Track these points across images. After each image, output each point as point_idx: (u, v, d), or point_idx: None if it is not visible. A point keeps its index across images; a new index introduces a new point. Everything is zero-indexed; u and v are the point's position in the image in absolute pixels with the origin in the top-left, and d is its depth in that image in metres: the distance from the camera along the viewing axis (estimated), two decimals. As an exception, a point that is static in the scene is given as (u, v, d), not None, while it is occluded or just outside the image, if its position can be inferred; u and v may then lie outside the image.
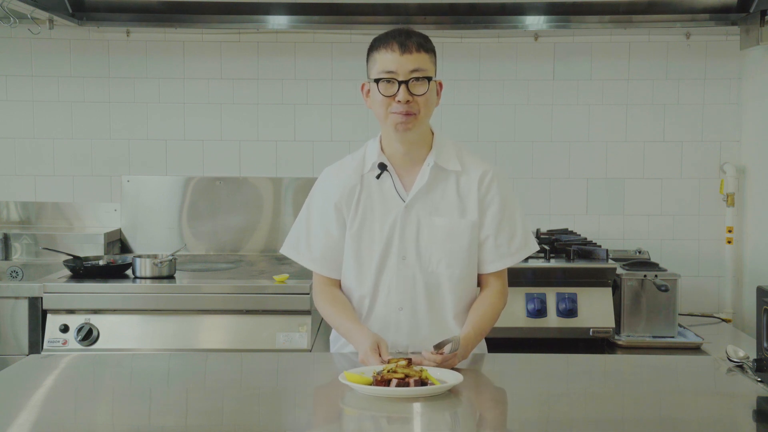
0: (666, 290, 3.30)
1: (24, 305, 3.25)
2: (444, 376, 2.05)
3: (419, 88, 2.30)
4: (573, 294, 3.35)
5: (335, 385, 2.04)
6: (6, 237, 3.91)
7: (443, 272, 2.39)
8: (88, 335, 3.21)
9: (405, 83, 2.28)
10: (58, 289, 3.27)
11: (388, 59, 2.29)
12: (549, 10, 3.90)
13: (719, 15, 3.87)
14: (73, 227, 4.11)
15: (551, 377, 2.29)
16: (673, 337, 3.34)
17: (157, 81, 4.13)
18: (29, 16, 3.78)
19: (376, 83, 2.31)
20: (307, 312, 3.25)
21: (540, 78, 4.11)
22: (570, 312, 3.33)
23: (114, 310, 3.26)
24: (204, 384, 2.26)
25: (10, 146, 4.14)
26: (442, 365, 2.13)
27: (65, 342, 3.22)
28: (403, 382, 1.96)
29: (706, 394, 2.15)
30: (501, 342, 2.75)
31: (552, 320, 3.34)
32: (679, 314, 3.41)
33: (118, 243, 4.08)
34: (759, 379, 2.12)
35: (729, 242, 4.03)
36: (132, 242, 4.10)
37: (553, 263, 3.42)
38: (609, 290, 3.38)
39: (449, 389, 2.00)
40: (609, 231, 4.11)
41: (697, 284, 4.07)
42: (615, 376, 2.34)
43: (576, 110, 4.12)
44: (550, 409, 2.01)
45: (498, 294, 2.44)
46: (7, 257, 3.91)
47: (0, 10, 3.68)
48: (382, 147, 2.43)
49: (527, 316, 3.34)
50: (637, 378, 2.30)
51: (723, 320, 3.86)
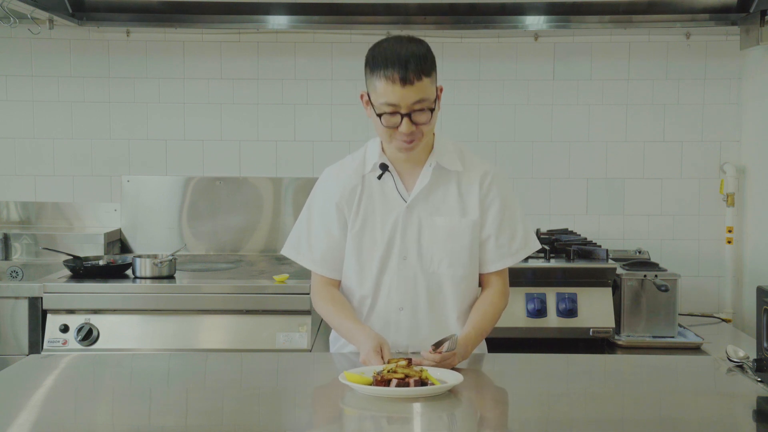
0: (666, 290, 3.30)
1: (24, 305, 3.25)
2: (444, 376, 2.05)
3: (422, 118, 2.26)
4: (573, 294, 3.35)
5: (335, 385, 2.04)
6: (6, 237, 3.91)
7: (444, 272, 2.39)
8: (88, 335, 3.21)
9: (408, 115, 2.24)
10: (58, 289, 3.27)
11: (390, 91, 2.22)
12: (549, 10, 3.90)
13: (719, 15, 3.87)
14: (73, 227, 4.11)
15: (551, 377, 2.29)
16: (673, 337, 3.34)
17: (157, 81, 4.13)
18: (29, 16, 3.78)
19: (379, 117, 2.26)
20: (307, 312, 3.25)
21: (540, 78, 4.11)
22: (570, 312, 3.33)
23: (114, 310, 3.26)
24: (204, 384, 2.26)
25: (10, 146, 4.14)
26: (441, 365, 2.13)
27: (65, 342, 3.22)
28: (403, 382, 1.96)
29: (706, 394, 2.15)
30: (501, 342, 2.75)
31: (552, 320, 3.34)
32: (679, 314, 3.40)
33: (118, 243, 4.08)
34: (759, 379, 2.12)
35: (729, 242, 4.03)
36: (132, 242, 4.10)
37: (553, 263, 3.42)
38: (609, 290, 3.38)
39: (449, 389, 2.00)
40: (609, 231, 4.11)
41: (697, 284, 4.07)
42: (615, 376, 2.34)
43: (576, 110, 4.12)
44: (550, 409, 2.01)
45: (499, 294, 2.44)
46: (7, 257, 3.91)
47: (0, 10, 3.68)
48: (383, 147, 2.43)
49: (527, 316, 3.34)
50: (637, 378, 2.30)
51: (723, 320, 3.86)
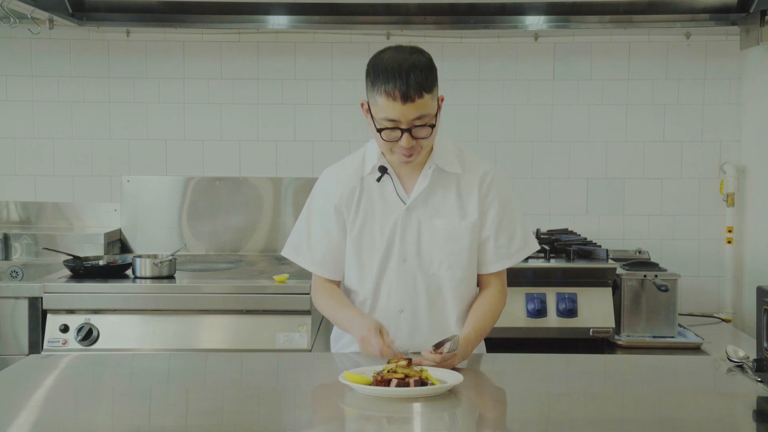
0: (666, 290, 3.30)
1: (24, 305, 3.25)
2: (444, 376, 2.05)
3: (422, 132, 2.26)
4: (573, 294, 3.35)
5: (335, 385, 2.04)
6: (6, 237, 3.91)
7: (444, 274, 2.39)
8: (88, 335, 3.21)
9: (408, 130, 2.24)
10: (58, 289, 3.27)
11: (390, 108, 2.21)
12: (549, 10, 3.90)
13: (719, 15, 3.87)
14: (73, 227, 4.11)
15: (551, 377, 2.29)
16: (673, 337, 3.34)
17: (157, 81, 4.13)
18: (29, 16, 3.78)
19: (379, 132, 2.26)
20: (307, 312, 3.25)
21: (540, 78, 4.11)
22: (570, 312, 3.33)
23: (114, 310, 3.26)
24: (204, 384, 2.26)
25: (10, 146, 4.14)
26: (442, 365, 2.13)
27: (65, 342, 3.22)
28: (403, 382, 1.96)
29: (706, 394, 2.15)
30: (501, 342, 2.75)
31: (552, 320, 3.34)
32: (679, 314, 3.40)
33: (118, 243, 4.08)
34: (759, 379, 2.12)
35: (729, 242, 4.03)
36: (132, 242, 4.10)
37: (553, 263, 3.42)
38: (609, 290, 3.38)
39: (449, 389, 2.00)
40: (609, 231, 4.11)
41: (697, 284, 4.07)
42: (615, 376, 2.34)
43: (576, 110, 4.12)
44: (550, 409, 2.01)
45: (498, 294, 2.44)
46: (7, 257, 3.91)
47: (0, 10, 3.68)
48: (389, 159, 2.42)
49: (527, 316, 3.34)
50: (637, 378, 2.30)
51: (723, 320, 3.86)
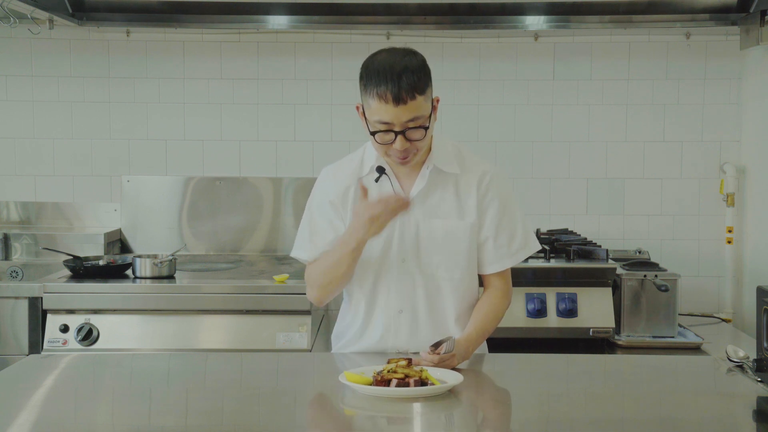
0: (666, 290, 3.29)
1: (24, 305, 3.25)
2: (444, 377, 2.05)
3: (416, 135, 2.25)
4: (573, 294, 3.35)
5: (335, 385, 2.04)
6: (6, 237, 3.91)
7: (443, 275, 2.39)
8: (88, 335, 3.21)
9: (402, 132, 2.24)
10: (58, 289, 3.27)
11: (383, 110, 2.21)
12: (549, 10, 3.89)
13: (719, 15, 3.87)
14: (73, 227, 4.11)
15: (551, 377, 2.29)
16: (673, 337, 3.34)
17: (157, 81, 4.13)
18: (29, 16, 3.78)
19: (373, 135, 2.26)
20: (307, 312, 3.25)
21: (540, 78, 4.11)
22: (570, 312, 3.33)
23: (114, 310, 3.26)
24: (204, 384, 2.26)
25: (10, 146, 4.14)
26: (440, 365, 2.13)
27: (65, 342, 3.22)
28: (403, 382, 1.96)
29: (706, 394, 2.15)
30: (501, 342, 2.75)
31: (552, 320, 3.34)
32: (679, 314, 3.40)
33: (118, 243, 4.08)
34: (759, 379, 2.12)
35: (729, 242, 4.03)
36: (132, 242, 4.10)
37: (553, 263, 3.42)
38: (609, 290, 3.38)
39: (449, 389, 2.00)
40: (609, 231, 4.11)
41: (697, 284, 4.06)
42: (615, 376, 2.34)
43: (576, 110, 4.12)
44: (550, 409, 2.01)
45: (501, 294, 2.44)
46: (7, 257, 3.91)
47: (0, 10, 3.68)
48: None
49: (527, 316, 3.34)
50: (637, 378, 2.30)
51: (723, 320, 3.86)
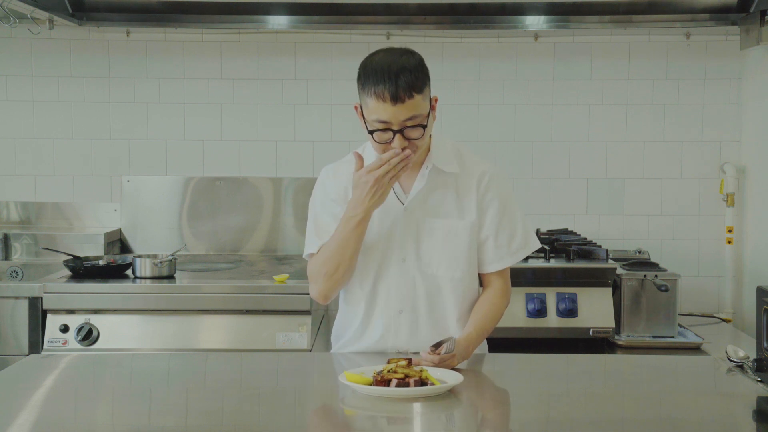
0: (666, 290, 3.29)
1: (24, 305, 3.25)
2: (444, 376, 2.05)
3: (414, 134, 2.25)
4: (573, 294, 3.35)
5: (335, 385, 2.04)
6: (6, 237, 3.91)
7: (443, 274, 2.39)
8: (88, 335, 3.21)
9: (400, 131, 2.24)
10: (58, 289, 3.27)
11: (381, 109, 2.21)
12: (549, 10, 3.89)
13: (719, 15, 3.87)
14: (73, 227, 4.11)
15: (551, 377, 2.29)
16: (673, 337, 3.34)
17: (157, 81, 4.13)
18: (29, 16, 3.78)
19: (371, 134, 2.26)
20: (307, 312, 3.25)
21: (540, 78, 4.11)
22: (570, 312, 3.33)
23: (114, 310, 3.26)
24: (204, 384, 2.26)
25: (10, 146, 4.14)
26: (440, 366, 2.13)
27: (65, 342, 3.22)
28: (403, 382, 1.96)
29: (706, 394, 2.15)
30: (501, 342, 2.74)
31: (552, 320, 3.34)
32: (679, 314, 3.40)
33: (118, 243, 4.08)
34: (759, 379, 2.12)
35: (729, 242, 4.03)
36: (132, 242, 4.10)
37: (553, 263, 3.42)
38: (609, 290, 3.38)
39: (449, 389, 2.00)
40: (609, 231, 4.11)
41: (697, 284, 4.06)
42: (615, 376, 2.34)
43: (576, 110, 4.12)
44: (550, 409, 2.01)
45: (500, 293, 2.44)
46: (7, 257, 3.91)
47: (0, 10, 3.68)
48: None
49: (527, 316, 3.34)
50: (637, 378, 2.30)
51: (723, 320, 3.86)
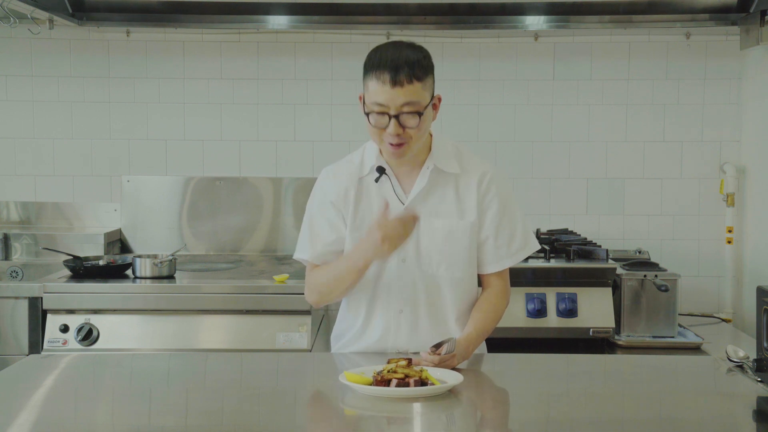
0: (666, 290, 3.29)
1: (24, 305, 3.25)
2: (444, 376, 2.05)
3: (410, 121, 2.24)
4: (573, 294, 3.35)
5: (335, 385, 2.04)
6: (6, 237, 3.91)
7: (443, 274, 2.39)
8: (88, 335, 3.21)
9: (396, 117, 2.23)
10: (58, 289, 3.27)
11: (379, 91, 2.21)
12: (549, 10, 3.89)
13: (719, 15, 3.87)
14: (73, 227, 4.11)
15: (551, 377, 2.29)
16: (673, 337, 3.34)
17: (157, 81, 4.13)
18: (29, 16, 3.78)
19: (367, 115, 2.26)
20: (307, 312, 3.25)
21: (540, 78, 4.11)
22: (570, 312, 3.33)
23: (114, 310, 3.26)
24: (204, 384, 2.26)
25: (10, 146, 4.14)
26: (440, 366, 2.13)
27: (65, 342, 3.22)
28: (403, 382, 1.96)
29: (706, 394, 2.15)
30: (501, 342, 2.75)
31: (552, 320, 3.34)
32: (679, 314, 3.40)
33: (118, 243, 4.08)
34: (759, 379, 2.12)
35: (729, 242, 4.03)
36: (132, 242, 4.10)
37: (553, 263, 3.42)
38: (609, 290, 3.38)
39: (449, 389, 2.00)
40: (609, 231, 4.11)
41: (697, 284, 4.06)
42: (615, 376, 2.34)
43: (576, 110, 4.12)
44: (550, 409, 2.01)
45: (500, 294, 2.44)
46: (7, 257, 3.91)
47: (0, 10, 3.68)
48: (381, 150, 2.42)
49: (527, 316, 3.34)
50: (637, 378, 2.30)
51: (723, 320, 3.86)
